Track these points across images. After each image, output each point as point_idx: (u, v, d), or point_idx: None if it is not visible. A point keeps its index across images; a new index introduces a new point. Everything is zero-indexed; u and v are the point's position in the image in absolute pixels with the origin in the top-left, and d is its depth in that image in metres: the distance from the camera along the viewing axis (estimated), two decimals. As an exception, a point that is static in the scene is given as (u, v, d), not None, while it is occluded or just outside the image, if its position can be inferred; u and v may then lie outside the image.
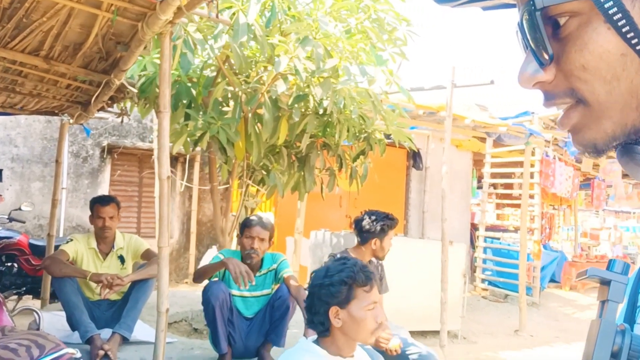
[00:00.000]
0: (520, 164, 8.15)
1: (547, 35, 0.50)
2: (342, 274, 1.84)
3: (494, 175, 8.97)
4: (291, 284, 3.18)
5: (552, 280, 10.65)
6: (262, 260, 3.33)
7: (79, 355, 2.10)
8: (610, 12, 0.47)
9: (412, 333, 5.45)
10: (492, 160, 8.74)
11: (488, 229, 9.40)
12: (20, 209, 5.89)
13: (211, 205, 8.52)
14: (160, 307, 2.68)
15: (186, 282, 8.21)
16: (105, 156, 7.83)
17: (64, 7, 2.56)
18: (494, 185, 9.69)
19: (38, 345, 2.04)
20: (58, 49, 3.18)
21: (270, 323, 3.21)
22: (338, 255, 3.47)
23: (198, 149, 7.83)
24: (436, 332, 6.11)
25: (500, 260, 8.84)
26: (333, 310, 1.82)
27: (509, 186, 9.49)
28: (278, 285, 3.30)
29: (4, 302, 2.63)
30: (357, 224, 3.40)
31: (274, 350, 3.31)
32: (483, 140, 8.59)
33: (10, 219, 5.74)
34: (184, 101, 3.58)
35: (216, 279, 3.19)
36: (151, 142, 7.84)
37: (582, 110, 0.52)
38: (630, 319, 0.55)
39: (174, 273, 8.43)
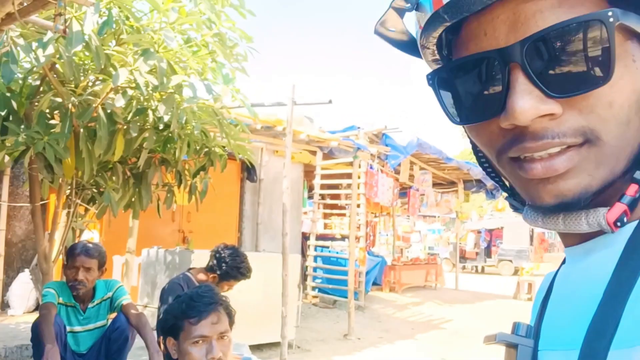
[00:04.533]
0: (347, 175, 8.65)
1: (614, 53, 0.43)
2: (173, 304, 1.83)
3: (322, 187, 9.40)
4: (131, 312, 2.98)
5: (375, 284, 11.48)
6: (94, 289, 3.06)
7: None
8: None
9: (251, 347, 5.44)
10: (322, 172, 9.15)
11: (318, 237, 9.79)
12: None
13: (23, 224, 7.62)
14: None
15: (-8, 312, 7.20)
16: None
17: None
18: (322, 196, 10.15)
19: None
20: None
21: (107, 357, 2.96)
22: (180, 276, 3.34)
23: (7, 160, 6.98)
24: (274, 344, 6.19)
25: (330, 268, 9.26)
26: (169, 342, 1.79)
27: (336, 196, 9.99)
28: (114, 314, 3.06)
29: None
30: (214, 254, 3.33)
31: (113, 386, 3.05)
32: (313, 153, 8.95)
33: None
34: (2, 113, 3.15)
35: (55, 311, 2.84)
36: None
37: (585, 153, 0.47)
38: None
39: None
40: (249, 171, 8.69)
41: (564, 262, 0.60)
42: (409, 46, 0.58)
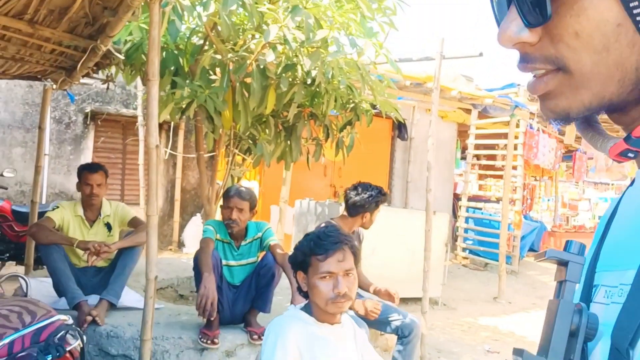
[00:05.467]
0: (504, 135, 8.23)
1: None
2: (302, 241, 1.93)
3: (477, 147, 9.06)
4: (277, 252, 3.23)
5: (532, 250, 10.91)
6: (246, 229, 3.36)
7: (70, 321, 2.13)
8: None
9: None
10: (476, 132, 8.81)
11: (470, 199, 9.54)
12: (2, 175, 5.83)
13: (195, 173, 8.51)
14: (149, 274, 2.72)
15: (170, 249, 8.25)
16: (88, 122, 7.74)
17: (49, -30, 2.50)
18: (477, 157, 9.80)
19: (29, 311, 2.06)
20: (43, 12, 3.11)
21: (257, 290, 3.27)
22: (323, 225, 3.53)
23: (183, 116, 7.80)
24: (418, 299, 6.24)
25: (481, 230, 9.00)
26: (299, 275, 1.92)
27: (492, 157, 9.59)
28: (264, 253, 3.35)
29: (-8, 268, 2.63)
30: (348, 196, 3.44)
31: (260, 317, 3.37)
32: (468, 111, 8.64)
33: (-8, 185, 5.69)
34: (171, 68, 3.54)
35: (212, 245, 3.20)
36: (135, 109, 7.75)
37: (561, 78, 0.50)
38: (586, 298, 0.56)
39: (158, 240, 8.45)
40: (399, 129, 8.69)
41: (631, 184, 0.57)
42: None
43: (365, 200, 3.38)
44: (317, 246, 1.85)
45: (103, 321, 3.22)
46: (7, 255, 5.54)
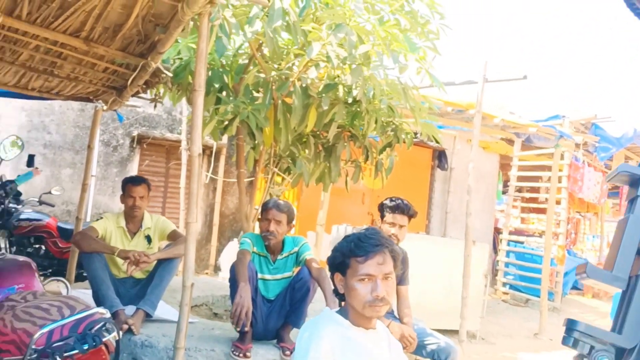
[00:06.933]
0: (548, 168, 8.06)
1: None
2: (341, 242, 1.92)
3: (520, 179, 8.89)
4: (312, 266, 3.22)
5: (575, 287, 10.50)
6: (283, 243, 3.38)
7: (108, 315, 2.16)
8: None
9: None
10: (519, 164, 8.66)
11: (512, 233, 9.31)
12: (50, 192, 6.03)
13: (234, 199, 8.62)
14: (186, 281, 2.74)
15: (207, 273, 8.31)
16: (134, 146, 7.99)
17: (107, -16, 2.64)
18: (520, 189, 9.59)
19: (69, 306, 2.11)
20: (98, 30, 3.27)
21: (291, 305, 3.25)
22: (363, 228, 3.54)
23: (224, 142, 7.95)
24: (454, 331, 6.08)
25: (523, 265, 8.75)
26: (337, 277, 1.90)
27: (535, 190, 9.38)
28: (299, 268, 3.34)
29: (36, 269, 2.72)
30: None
31: (294, 333, 3.34)
32: (511, 143, 8.52)
33: (40, 202, 5.88)
34: (216, 85, 3.65)
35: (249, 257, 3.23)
36: (179, 133, 7.97)
37: None
38: None
39: (194, 263, 8.55)
40: (440, 159, 8.63)
41: None
42: None
43: (379, 207, 3.44)
44: (357, 247, 1.84)
45: (138, 330, 3.25)
46: (50, 271, 5.68)
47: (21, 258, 2.85)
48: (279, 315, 3.29)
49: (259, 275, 3.29)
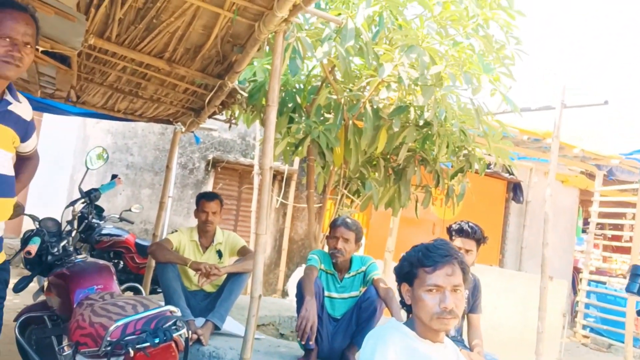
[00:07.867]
0: (632, 204, 7.59)
1: None
2: (410, 252, 1.90)
3: (602, 215, 8.41)
4: (380, 286, 3.18)
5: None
6: (350, 262, 3.36)
7: (179, 313, 2.22)
8: None
9: (503, 367, 5.17)
10: (600, 199, 8.21)
11: (593, 272, 8.78)
12: (130, 210, 6.34)
13: (304, 224, 8.69)
14: (254, 292, 2.77)
15: (274, 297, 8.36)
16: (209, 169, 8.29)
17: (190, 6, 2.80)
18: (602, 226, 9.07)
19: (143, 304, 2.20)
20: (180, 51, 3.46)
21: (357, 325, 3.21)
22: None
23: (295, 167, 8.08)
24: (529, 371, 5.75)
25: (605, 307, 8.20)
26: (404, 287, 1.88)
27: (618, 228, 8.84)
28: (366, 287, 3.30)
29: (114, 273, 2.85)
30: None
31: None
32: (592, 177, 8.12)
33: (121, 219, 6.19)
34: (289, 106, 3.74)
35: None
36: (252, 158, 8.19)
37: None
38: None
39: (263, 288, 8.65)
40: (515, 191, 8.35)
41: None
42: None
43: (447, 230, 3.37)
44: (425, 257, 1.80)
45: (207, 341, 3.31)
46: (126, 285, 5.92)
47: (101, 261, 3.00)
48: (345, 334, 3.25)
49: (326, 293, 3.28)
